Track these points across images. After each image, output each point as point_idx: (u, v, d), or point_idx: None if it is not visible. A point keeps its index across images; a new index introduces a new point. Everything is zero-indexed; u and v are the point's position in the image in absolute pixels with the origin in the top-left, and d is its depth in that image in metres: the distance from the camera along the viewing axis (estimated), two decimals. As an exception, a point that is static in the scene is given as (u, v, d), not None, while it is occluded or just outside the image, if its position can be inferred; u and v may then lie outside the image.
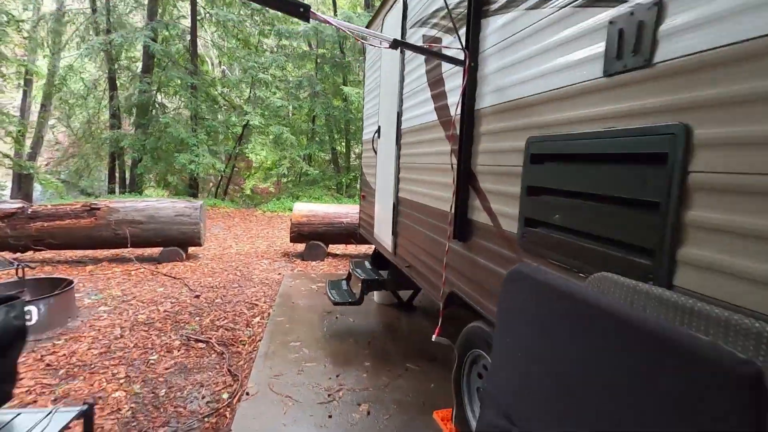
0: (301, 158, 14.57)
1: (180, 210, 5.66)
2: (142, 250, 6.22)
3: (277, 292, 4.67)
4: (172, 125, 12.30)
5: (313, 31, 14.16)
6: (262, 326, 3.71)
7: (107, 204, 5.53)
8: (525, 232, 1.48)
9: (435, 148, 2.42)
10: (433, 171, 2.45)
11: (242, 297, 4.50)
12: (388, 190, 3.40)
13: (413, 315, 4.06)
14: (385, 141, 3.55)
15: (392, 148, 3.29)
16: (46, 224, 5.26)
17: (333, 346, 3.30)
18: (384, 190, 3.55)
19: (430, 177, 2.51)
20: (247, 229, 9.26)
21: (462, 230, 1.98)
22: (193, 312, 4.00)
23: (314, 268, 5.86)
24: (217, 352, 3.19)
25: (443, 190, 2.26)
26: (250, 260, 6.23)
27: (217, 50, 16.04)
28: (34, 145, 15.40)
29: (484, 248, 1.81)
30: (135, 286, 4.75)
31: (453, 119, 2.13)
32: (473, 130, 1.93)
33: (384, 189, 3.55)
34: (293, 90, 14.74)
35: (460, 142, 1.96)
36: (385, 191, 3.52)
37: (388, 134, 3.47)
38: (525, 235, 1.48)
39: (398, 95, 3.15)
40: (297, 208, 6.35)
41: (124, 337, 3.42)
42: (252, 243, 7.64)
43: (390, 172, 3.35)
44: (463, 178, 1.95)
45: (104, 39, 12.67)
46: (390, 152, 3.36)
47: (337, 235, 6.33)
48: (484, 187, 1.83)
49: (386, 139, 3.52)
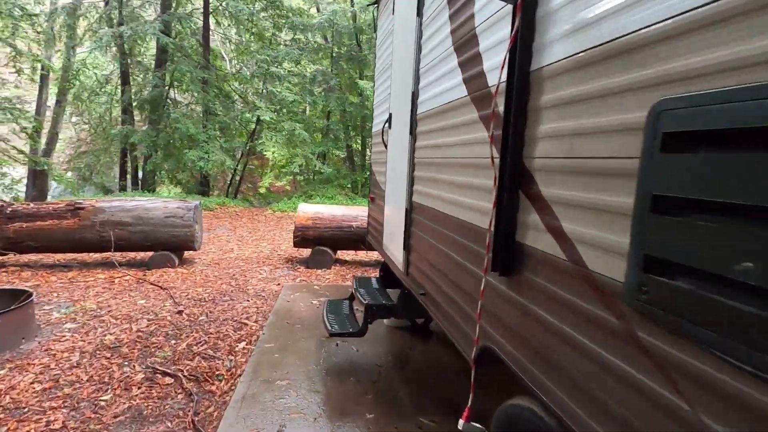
0: (314, 156, 14.01)
1: (171, 211, 5.11)
2: (135, 254, 5.72)
3: (272, 307, 4.05)
4: (182, 121, 11.88)
5: (329, 23, 13.58)
6: (248, 354, 3.08)
7: (92, 203, 5.02)
8: (647, 282, 0.77)
9: (463, 135, 1.72)
10: (461, 168, 1.76)
11: (231, 313, 3.89)
12: (399, 192, 2.71)
13: (429, 343, 3.37)
14: (397, 131, 2.87)
15: (405, 139, 2.61)
16: (25, 225, 4.78)
17: (329, 386, 2.64)
18: (394, 193, 2.87)
19: (455, 176, 1.82)
20: (253, 230, 8.72)
21: (507, 260, 1.29)
22: (170, 333, 3.41)
23: (319, 277, 5.23)
24: (186, 392, 2.57)
25: (476, 195, 1.57)
26: (249, 267, 5.64)
27: (230, 44, 15.62)
28: (49, 141, 15.31)
29: (546, 293, 1.12)
30: (115, 296, 4.20)
31: (493, 90, 1.44)
32: (528, 102, 1.23)
33: (394, 191, 2.87)
34: (308, 85, 14.19)
35: (505, 122, 1.27)
36: (395, 194, 2.84)
37: (400, 123, 2.79)
38: (647, 289, 0.77)
39: (413, 71, 2.46)
40: (302, 209, 5.73)
41: (80, 366, 2.84)
42: (255, 246, 7.07)
43: (402, 171, 2.67)
44: (510, 179, 1.26)
45: (113, 31, 12.35)
46: (402, 145, 2.68)
47: (346, 240, 5.68)
48: (547, 193, 1.13)
49: (398, 129, 2.84)
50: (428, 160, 2.25)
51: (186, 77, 12.90)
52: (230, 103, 14.36)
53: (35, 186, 15.05)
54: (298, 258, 6.18)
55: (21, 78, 13.61)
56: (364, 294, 2.92)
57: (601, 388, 0.90)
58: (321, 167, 13.91)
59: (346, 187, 14.46)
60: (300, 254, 6.37)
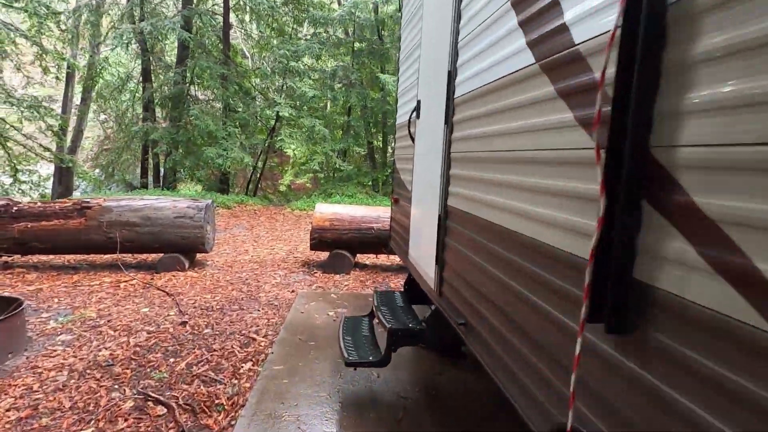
0: (334, 153, 13.66)
1: (181, 211, 4.80)
2: (145, 255, 5.45)
3: (284, 319, 3.67)
4: (201, 117, 11.71)
5: (350, 16, 13.18)
6: (253, 378, 2.69)
7: (99, 202, 4.76)
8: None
9: (530, 118, 1.25)
10: (526, 166, 1.29)
11: (239, 326, 3.52)
12: (429, 194, 2.26)
13: (462, 369, 2.90)
14: (427, 121, 2.41)
15: (438, 130, 2.15)
16: (30, 225, 4.55)
17: (345, 425, 2.22)
18: (423, 195, 2.42)
19: (516, 176, 1.35)
20: (270, 230, 8.41)
21: (619, 308, 0.82)
22: (169, 349, 3.06)
23: (337, 284, 4.83)
24: (178, 428, 2.20)
25: (557, 205, 1.10)
26: (263, 270, 5.29)
27: (251, 39, 15.42)
28: (74, 138, 15.50)
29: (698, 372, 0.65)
30: (118, 303, 3.91)
31: (586, 48, 0.97)
32: (662, 54, 0.75)
33: (423, 192, 2.42)
34: (328, 80, 13.83)
35: (619, 92, 0.79)
36: (424, 196, 2.38)
37: (431, 111, 2.33)
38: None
39: (450, 47, 2.00)
40: (319, 210, 5.34)
41: (65, 389, 2.51)
42: (271, 247, 6.74)
43: (433, 168, 2.21)
44: (629, 181, 0.79)
45: (134, 27, 12.28)
46: (434, 137, 2.22)
47: (366, 244, 5.26)
48: (709, 206, 0.66)
49: (429, 119, 2.38)
50: (470, 154, 1.79)
51: (206, 74, 12.75)
52: (250, 99, 14.16)
53: (61, 183, 15.28)
54: (315, 261, 5.80)
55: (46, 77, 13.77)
56: (386, 314, 2.48)
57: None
58: (341, 164, 13.54)
59: (366, 185, 14.07)
60: (317, 257, 5.99)
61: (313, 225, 5.21)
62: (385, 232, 5.17)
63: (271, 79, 14.12)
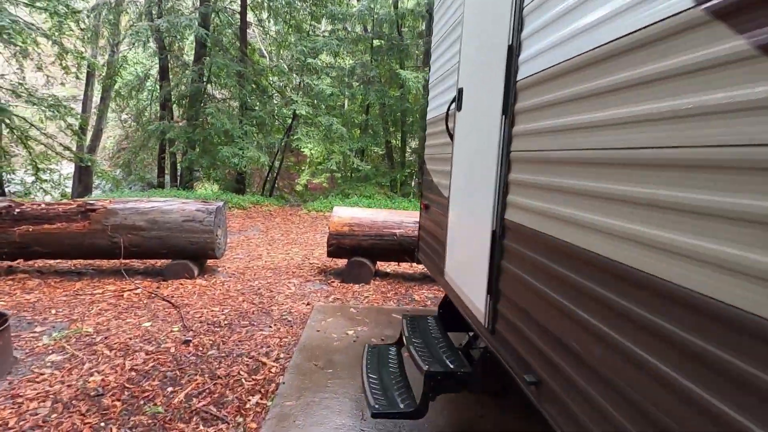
0: (352, 153, 13.28)
1: (189, 214, 4.46)
2: (154, 261, 5.15)
3: (298, 339, 3.27)
4: (216, 116, 11.48)
5: (368, 11, 12.77)
6: (261, 415, 2.30)
7: (104, 204, 4.46)
8: None
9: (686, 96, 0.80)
10: (646, 170, 0.84)
11: (248, 345, 3.14)
12: (476, 203, 1.81)
13: (507, 410, 2.44)
14: (473, 113, 1.96)
15: (489, 124, 1.70)
16: (32, 228, 4.28)
17: (369, 488, 1.80)
18: (467, 203, 1.97)
19: (625, 187, 0.90)
20: (286, 232, 8.07)
21: None
22: (168, 375, 2.69)
23: (356, 295, 4.42)
24: (167, 484, 1.81)
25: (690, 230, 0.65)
26: (277, 278, 4.92)
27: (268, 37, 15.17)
28: (93, 137, 15.55)
29: None
30: (118, 316, 3.58)
31: None
32: None
33: (467, 201, 1.97)
34: (346, 78, 13.46)
35: None
36: (468, 205, 1.93)
37: (479, 100, 1.88)
38: None
39: (511, 14, 1.55)
40: (337, 213, 4.93)
41: (45, 425, 2.16)
42: (287, 252, 6.38)
43: (482, 171, 1.76)
44: None
45: (150, 25, 12.14)
46: (484, 132, 1.77)
47: (388, 251, 4.83)
48: None
49: (475, 110, 1.93)
50: (541, 154, 1.34)
51: (223, 72, 12.53)
52: (267, 98, 13.91)
53: (81, 182, 15.34)
54: (333, 268, 5.41)
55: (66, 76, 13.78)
56: (420, 348, 2.04)
57: None
58: (359, 164, 13.15)
59: (384, 185, 13.64)
60: (334, 263, 5.60)
61: (331, 230, 4.81)
62: (408, 238, 4.74)
63: (288, 76, 13.84)
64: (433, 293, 4.60)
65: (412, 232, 4.77)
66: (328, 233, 4.85)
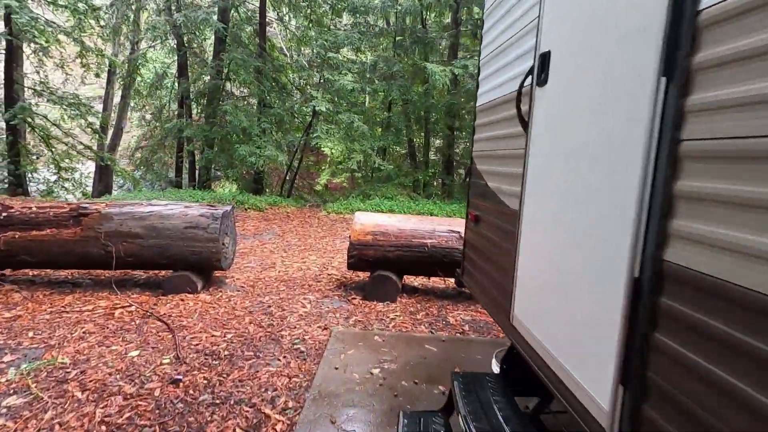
0: (374, 152, 12.65)
1: (192, 220, 3.91)
2: (156, 270, 4.64)
3: (312, 378, 2.65)
4: (233, 113, 11.04)
5: (392, 2, 12.11)
6: (258, 505, 1.68)
7: (99, 208, 3.96)
8: None
9: None
10: None
11: (250, 387, 2.54)
12: (593, 228, 1.12)
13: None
14: (577, 86, 1.28)
15: (629, 97, 1.02)
16: (18, 235, 3.81)
17: None
18: (561, 225, 1.28)
19: None
20: (303, 236, 7.51)
21: None
22: (148, 428, 2.11)
23: (380, 316, 3.78)
24: None
25: None
26: (291, 293, 4.33)
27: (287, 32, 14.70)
28: (113, 136, 15.44)
29: None
30: (103, 341, 3.04)
31: None
32: None
33: (560, 221, 1.28)
34: (368, 73, 12.85)
35: None
36: (569, 228, 1.24)
37: (594, 62, 1.20)
38: None
39: None
40: (359, 220, 4.31)
41: None
42: (303, 260, 5.80)
43: (600, 178, 1.08)
44: None
45: (167, 20, 11.81)
46: (611, 113, 1.09)
47: (418, 264, 4.18)
48: None
49: (582, 81, 1.25)
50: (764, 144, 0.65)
51: (241, 69, 12.11)
52: (286, 95, 13.44)
53: (101, 181, 15.26)
54: (354, 281, 4.79)
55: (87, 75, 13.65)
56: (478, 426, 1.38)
57: None
58: (381, 164, 12.51)
59: (407, 186, 12.96)
60: (355, 276, 4.98)
61: (352, 239, 4.19)
62: (442, 249, 4.07)
63: (308, 73, 13.33)
64: (470, 315, 3.92)
65: (446, 242, 4.09)
66: (349, 242, 4.23)
